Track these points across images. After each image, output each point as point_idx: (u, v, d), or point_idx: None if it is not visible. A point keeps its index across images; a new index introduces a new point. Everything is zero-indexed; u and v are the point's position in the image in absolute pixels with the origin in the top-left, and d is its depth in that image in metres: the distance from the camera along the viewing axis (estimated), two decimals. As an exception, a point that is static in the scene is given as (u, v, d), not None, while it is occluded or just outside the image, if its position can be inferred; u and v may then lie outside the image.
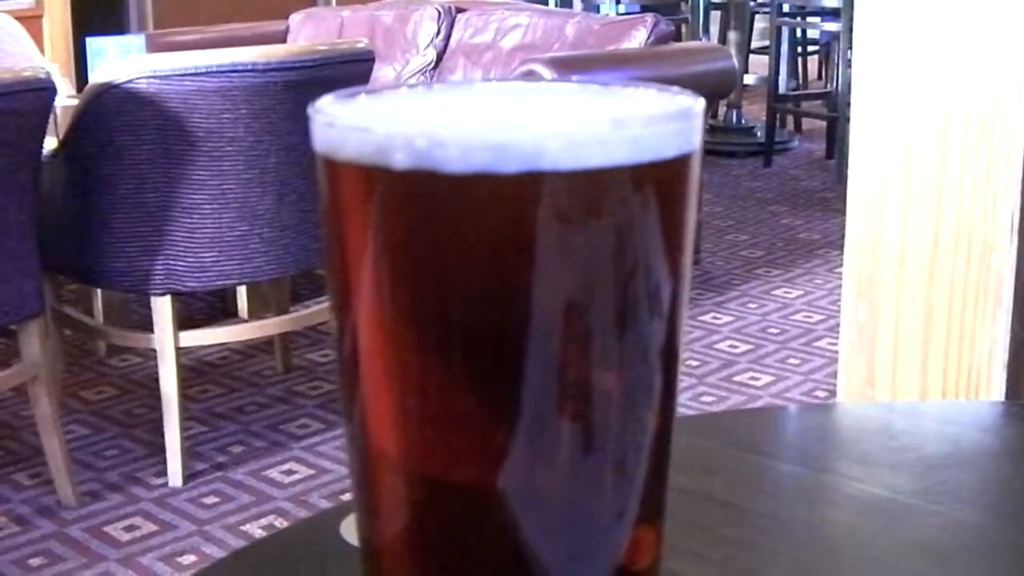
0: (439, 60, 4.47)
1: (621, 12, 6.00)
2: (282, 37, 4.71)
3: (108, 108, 2.52)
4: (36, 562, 2.43)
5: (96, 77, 2.58)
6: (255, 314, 3.58)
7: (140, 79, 2.48)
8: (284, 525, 2.51)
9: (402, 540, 0.44)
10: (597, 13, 5.64)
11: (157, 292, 2.67)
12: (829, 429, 0.81)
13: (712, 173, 5.75)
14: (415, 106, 0.46)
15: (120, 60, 2.81)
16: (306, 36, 4.66)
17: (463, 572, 0.42)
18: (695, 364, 3.41)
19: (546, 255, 0.39)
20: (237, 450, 2.92)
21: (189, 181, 2.58)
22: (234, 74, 2.52)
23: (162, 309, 2.69)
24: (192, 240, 2.63)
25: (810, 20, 6.40)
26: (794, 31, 6.53)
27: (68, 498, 2.63)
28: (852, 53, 1.59)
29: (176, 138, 2.54)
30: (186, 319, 3.33)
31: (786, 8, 6.01)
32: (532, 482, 0.41)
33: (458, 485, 0.42)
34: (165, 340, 2.71)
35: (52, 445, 2.58)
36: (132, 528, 2.56)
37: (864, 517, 0.65)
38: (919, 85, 1.48)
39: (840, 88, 5.54)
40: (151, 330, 2.73)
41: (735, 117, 6.40)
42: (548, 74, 3.40)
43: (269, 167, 2.63)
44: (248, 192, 2.63)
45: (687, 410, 3.04)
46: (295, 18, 4.81)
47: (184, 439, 2.76)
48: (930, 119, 1.47)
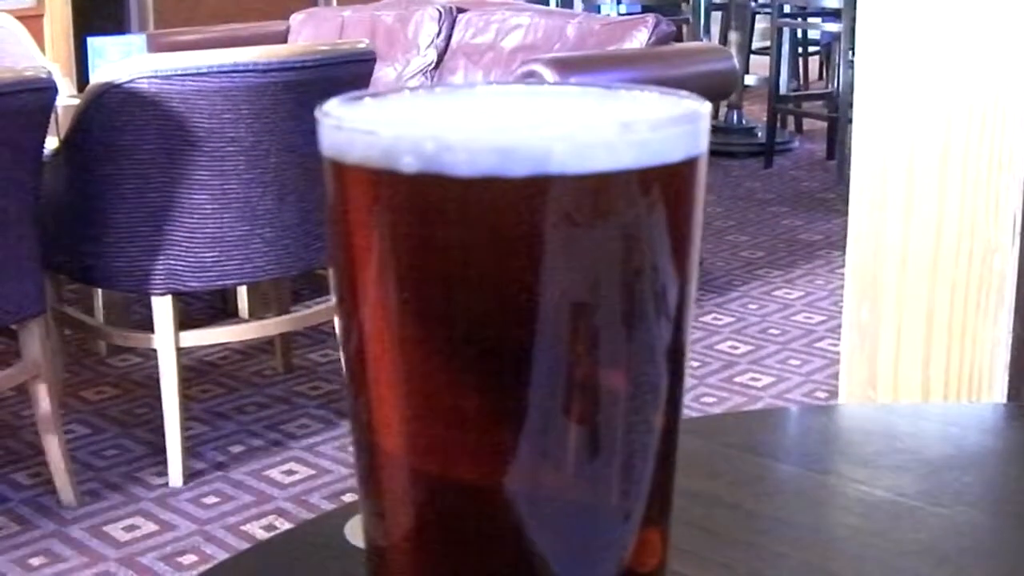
0: (440, 60, 4.47)
1: (622, 12, 6.01)
2: (283, 37, 4.71)
3: (109, 108, 2.52)
4: (36, 562, 2.43)
5: (97, 77, 2.58)
6: (256, 314, 3.58)
7: (141, 79, 2.48)
8: (284, 525, 2.51)
9: (408, 540, 0.44)
10: (598, 13, 5.64)
11: (158, 292, 2.67)
12: (832, 431, 0.82)
13: (713, 174, 5.75)
14: (422, 109, 0.46)
15: (121, 60, 2.80)
16: (307, 36, 4.66)
17: (469, 572, 0.42)
18: (696, 365, 3.41)
19: (553, 258, 0.39)
20: (237, 450, 2.92)
21: (190, 181, 2.58)
22: (235, 74, 2.52)
23: (163, 309, 2.69)
24: (193, 240, 2.63)
25: (811, 21, 6.40)
26: (795, 32, 6.53)
27: (68, 498, 2.62)
28: (853, 54, 1.59)
29: (177, 138, 2.54)
30: (187, 319, 3.33)
31: (787, 9, 6.01)
32: (539, 482, 0.41)
33: (465, 485, 0.42)
34: (166, 340, 2.71)
35: (52, 445, 2.58)
36: (132, 528, 2.56)
37: (868, 519, 0.65)
38: (921, 86, 1.48)
39: (841, 89, 5.54)
40: (152, 330, 2.73)
41: (736, 118, 6.40)
42: (549, 75, 3.40)
43: (270, 167, 2.63)
44: (249, 192, 2.63)
45: (688, 411, 3.03)
46: (296, 18, 4.81)
47: (184, 439, 2.76)
48: (932, 120, 1.47)
